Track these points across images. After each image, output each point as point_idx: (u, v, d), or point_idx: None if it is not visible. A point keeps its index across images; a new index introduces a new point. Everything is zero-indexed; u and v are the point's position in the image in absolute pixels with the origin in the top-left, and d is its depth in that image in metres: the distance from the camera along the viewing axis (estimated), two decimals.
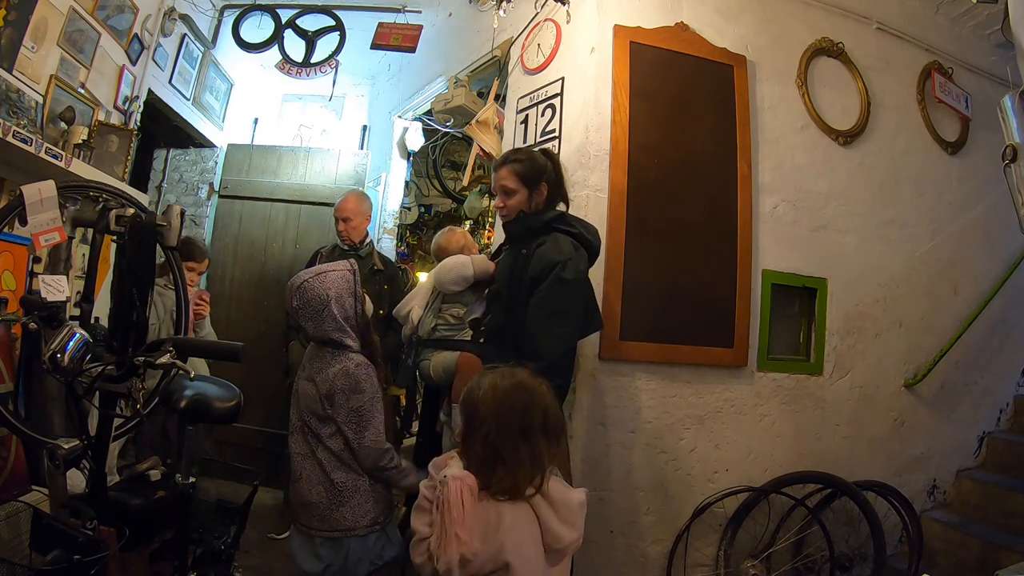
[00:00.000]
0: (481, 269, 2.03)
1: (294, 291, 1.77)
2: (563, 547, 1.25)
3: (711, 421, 2.49)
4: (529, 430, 1.26)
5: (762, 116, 2.68)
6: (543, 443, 1.27)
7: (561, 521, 1.24)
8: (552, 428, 1.30)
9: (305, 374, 1.82)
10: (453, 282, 2.03)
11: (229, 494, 2.47)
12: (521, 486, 1.23)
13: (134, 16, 2.98)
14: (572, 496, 1.27)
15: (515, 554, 1.19)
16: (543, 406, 1.30)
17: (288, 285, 1.81)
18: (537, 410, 1.29)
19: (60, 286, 1.99)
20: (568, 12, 2.52)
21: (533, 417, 1.28)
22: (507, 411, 1.28)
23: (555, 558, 1.26)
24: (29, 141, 2.09)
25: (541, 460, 1.25)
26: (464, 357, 1.93)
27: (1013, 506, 2.71)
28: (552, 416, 1.31)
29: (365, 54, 3.85)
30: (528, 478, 1.24)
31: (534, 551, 1.22)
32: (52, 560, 1.25)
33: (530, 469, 1.24)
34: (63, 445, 1.37)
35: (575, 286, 1.78)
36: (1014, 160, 1.61)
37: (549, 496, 1.24)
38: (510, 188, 1.92)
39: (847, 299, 2.82)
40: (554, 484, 1.26)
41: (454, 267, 2.03)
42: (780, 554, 2.51)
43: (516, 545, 1.20)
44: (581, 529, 1.27)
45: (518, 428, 1.26)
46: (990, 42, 3.36)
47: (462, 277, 2.02)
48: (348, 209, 3.03)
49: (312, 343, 1.87)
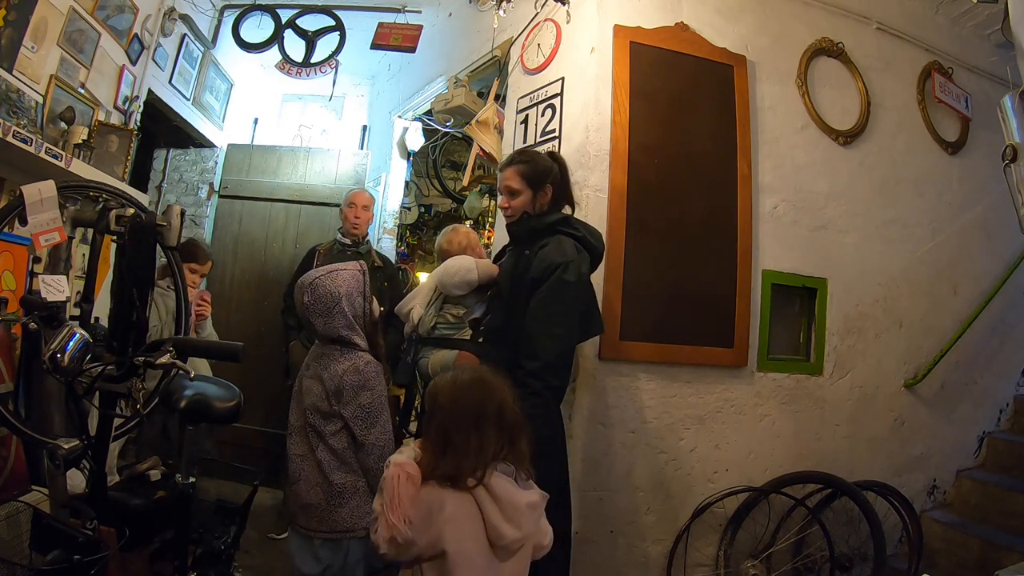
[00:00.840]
0: (486, 274, 2.02)
1: (306, 287, 1.77)
2: (506, 544, 1.26)
3: (711, 421, 2.49)
4: (481, 421, 1.31)
5: (762, 116, 2.68)
6: (492, 436, 1.31)
7: (505, 519, 1.26)
8: (506, 424, 1.33)
9: (310, 372, 1.81)
10: (457, 286, 2.02)
11: (229, 494, 2.47)
12: (463, 474, 1.27)
13: (134, 16, 2.98)
14: (519, 496, 1.29)
15: (452, 543, 1.23)
16: (498, 401, 1.34)
17: (299, 282, 1.81)
18: (492, 404, 1.33)
19: (60, 286, 1.99)
20: (568, 12, 2.52)
21: (487, 409, 1.32)
22: (463, 401, 1.33)
23: (503, 554, 1.28)
24: (29, 141, 2.09)
25: (485, 452, 1.29)
26: (462, 356, 1.94)
27: (1013, 506, 2.71)
28: (508, 413, 1.34)
29: (365, 54, 3.85)
30: (471, 468, 1.27)
31: (475, 544, 1.25)
32: (52, 560, 1.25)
33: (474, 460, 1.28)
34: (63, 445, 1.37)
35: (576, 288, 1.78)
36: (1014, 160, 1.61)
37: (493, 492, 1.26)
38: (514, 189, 1.92)
39: (847, 299, 2.82)
40: (499, 481, 1.28)
41: (458, 271, 2.02)
42: (780, 554, 2.51)
43: (454, 535, 1.24)
44: (528, 530, 1.29)
45: (471, 418, 1.31)
46: (990, 42, 3.36)
47: (466, 282, 2.00)
48: (367, 198, 3.12)
49: (317, 343, 1.87)
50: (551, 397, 1.72)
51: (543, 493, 1.35)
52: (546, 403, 1.70)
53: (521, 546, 1.30)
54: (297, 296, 1.81)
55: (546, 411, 1.70)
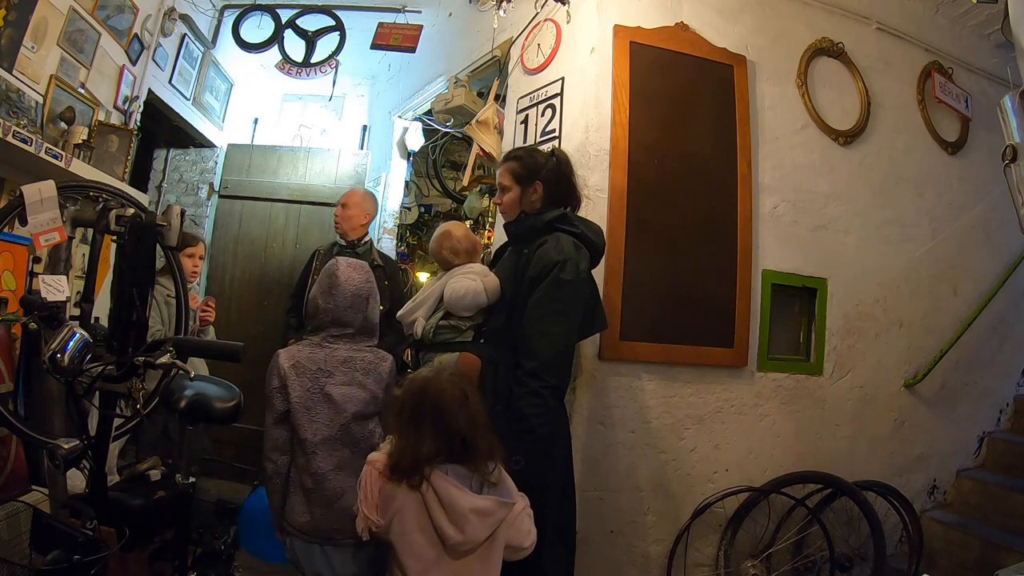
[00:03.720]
0: (495, 295, 1.96)
1: (342, 281, 1.74)
2: (452, 545, 1.32)
3: (711, 421, 2.49)
4: (417, 420, 1.39)
5: (762, 116, 2.68)
6: (428, 435, 1.37)
7: (448, 521, 1.32)
8: (447, 426, 1.38)
9: (341, 379, 1.71)
10: (466, 309, 1.98)
11: (229, 494, 2.47)
12: (400, 466, 1.35)
13: (134, 16, 2.98)
14: (463, 500, 1.33)
15: (398, 534, 1.35)
16: (434, 402, 1.40)
17: (331, 277, 1.76)
18: (427, 404, 1.40)
19: (60, 286, 1.99)
20: (568, 12, 2.52)
21: (422, 409, 1.39)
22: (403, 399, 1.45)
23: (453, 553, 1.34)
24: (29, 141, 2.09)
25: (420, 450, 1.35)
26: (464, 357, 1.93)
27: (1013, 506, 2.71)
28: (448, 415, 1.38)
29: (365, 54, 3.85)
30: (407, 466, 1.35)
31: (422, 539, 1.34)
32: (52, 560, 1.25)
33: (411, 455, 1.35)
34: (63, 445, 1.37)
35: (574, 286, 1.76)
36: (1014, 160, 1.60)
37: (438, 493, 1.33)
38: (504, 185, 1.95)
39: (847, 299, 2.82)
40: (443, 484, 1.34)
41: (466, 295, 1.94)
42: (780, 554, 2.51)
43: (400, 526, 1.34)
44: (473, 535, 1.33)
45: (406, 416, 1.41)
46: (990, 42, 3.36)
47: (476, 305, 1.96)
48: (347, 197, 3.01)
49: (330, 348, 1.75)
50: (549, 396, 1.70)
51: (501, 500, 1.37)
52: (544, 402, 1.68)
53: (470, 549, 1.34)
54: (324, 291, 1.75)
55: (544, 410, 1.68)
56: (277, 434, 1.70)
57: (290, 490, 1.70)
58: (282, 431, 1.70)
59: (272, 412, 1.70)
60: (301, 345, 1.79)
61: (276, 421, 1.69)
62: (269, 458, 1.70)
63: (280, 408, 1.69)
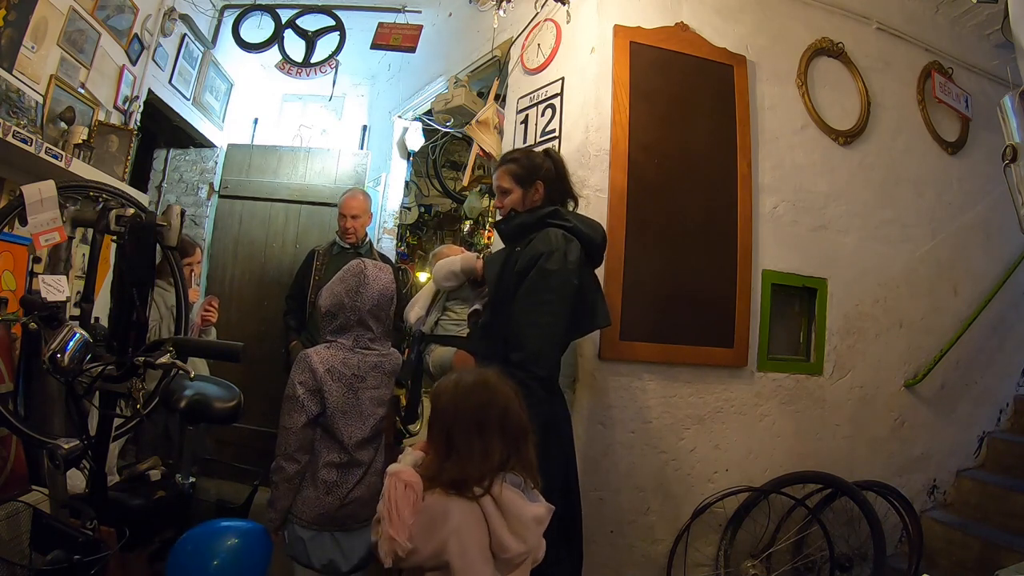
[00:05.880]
0: (468, 264, 2.14)
1: (370, 281, 1.75)
2: (510, 557, 1.22)
3: (711, 421, 2.49)
4: (484, 426, 1.26)
5: (762, 116, 2.68)
6: (497, 442, 1.26)
7: (510, 531, 1.22)
8: (510, 430, 1.28)
9: (372, 383, 1.77)
10: (445, 278, 2.19)
11: (229, 494, 2.47)
12: (469, 481, 1.22)
13: (134, 16, 2.98)
14: (527, 509, 1.24)
15: (457, 557, 1.18)
16: (502, 405, 1.29)
17: (359, 276, 1.76)
18: (495, 408, 1.28)
19: (60, 286, 1.99)
20: (568, 12, 2.52)
21: (490, 413, 1.28)
22: (464, 404, 1.29)
23: (505, 567, 1.24)
24: (29, 141, 2.09)
25: (492, 458, 1.24)
26: (459, 355, 1.95)
27: (1013, 506, 2.71)
28: (512, 417, 1.29)
29: (365, 54, 3.85)
30: (477, 474, 1.23)
31: (479, 555, 1.21)
32: (52, 560, 1.25)
33: (480, 465, 1.23)
34: (63, 445, 1.37)
35: (560, 276, 1.74)
36: (1014, 160, 1.61)
37: (501, 503, 1.22)
38: (504, 188, 1.95)
39: (847, 299, 2.82)
40: (508, 492, 1.24)
41: (443, 265, 2.21)
42: (780, 554, 2.51)
43: (460, 547, 1.19)
44: (532, 544, 1.26)
45: (474, 422, 1.27)
46: (990, 42, 3.36)
47: (451, 272, 2.16)
48: (357, 207, 3.08)
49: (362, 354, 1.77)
50: (537, 387, 1.66)
51: (549, 506, 1.31)
52: (531, 393, 1.59)
53: (522, 560, 1.26)
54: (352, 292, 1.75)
55: (533, 401, 1.61)
56: (305, 435, 1.70)
57: (304, 485, 1.72)
58: (311, 432, 1.71)
59: (301, 413, 1.68)
60: (330, 348, 1.76)
61: (307, 423, 1.69)
62: (294, 458, 1.70)
63: (314, 411, 1.69)
